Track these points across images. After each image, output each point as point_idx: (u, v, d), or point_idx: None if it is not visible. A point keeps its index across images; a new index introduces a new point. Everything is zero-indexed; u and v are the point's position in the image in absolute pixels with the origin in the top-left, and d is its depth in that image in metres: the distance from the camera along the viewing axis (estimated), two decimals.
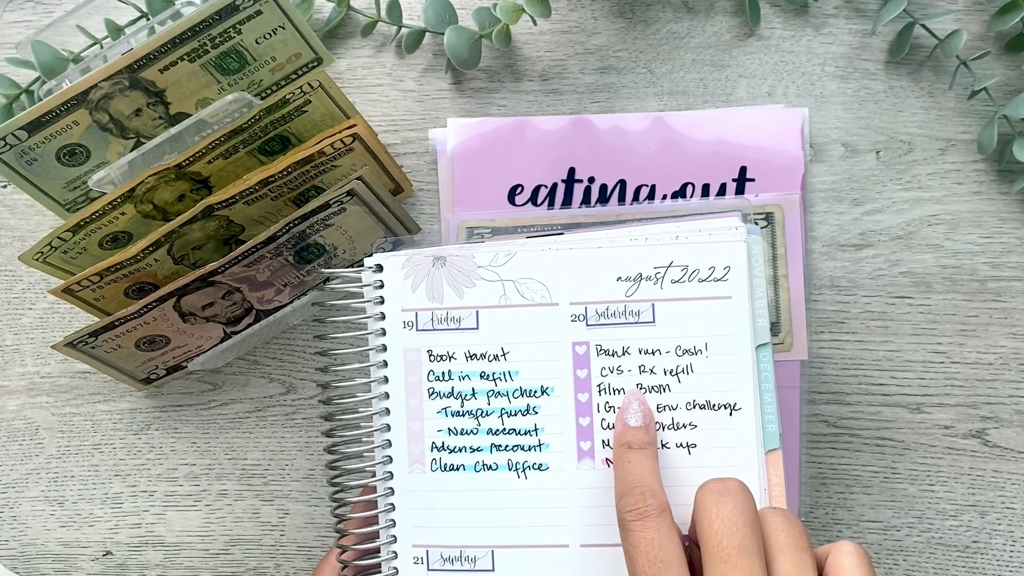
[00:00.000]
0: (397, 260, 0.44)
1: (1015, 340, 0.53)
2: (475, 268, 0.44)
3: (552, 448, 0.43)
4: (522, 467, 0.43)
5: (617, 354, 0.43)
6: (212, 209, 0.49)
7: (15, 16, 0.59)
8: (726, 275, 0.42)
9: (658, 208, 0.54)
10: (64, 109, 0.49)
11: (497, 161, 0.55)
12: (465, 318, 0.44)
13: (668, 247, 0.42)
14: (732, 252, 0.42)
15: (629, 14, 0.56)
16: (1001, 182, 0.54)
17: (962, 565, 0.54)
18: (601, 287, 0.43)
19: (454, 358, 0.44)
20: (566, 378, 0.43)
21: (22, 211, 0.58)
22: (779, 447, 0.42)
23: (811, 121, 0.55)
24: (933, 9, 0.55)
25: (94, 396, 0.58)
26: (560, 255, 0.43)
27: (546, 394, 0.43)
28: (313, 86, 0.49)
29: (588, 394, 0.43)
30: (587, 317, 0.43)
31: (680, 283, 0.42)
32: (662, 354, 0.42)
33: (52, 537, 0.58)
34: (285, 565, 0.57)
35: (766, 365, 0.42)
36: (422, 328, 0.44)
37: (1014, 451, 0.53)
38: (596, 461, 0.43)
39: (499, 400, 0.44)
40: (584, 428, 0.43)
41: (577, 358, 0.43)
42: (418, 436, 0.44)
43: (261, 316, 0.55)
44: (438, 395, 0.44)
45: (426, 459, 0.44)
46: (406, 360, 0.44)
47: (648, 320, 0.43)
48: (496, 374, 0.44)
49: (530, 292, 0.43)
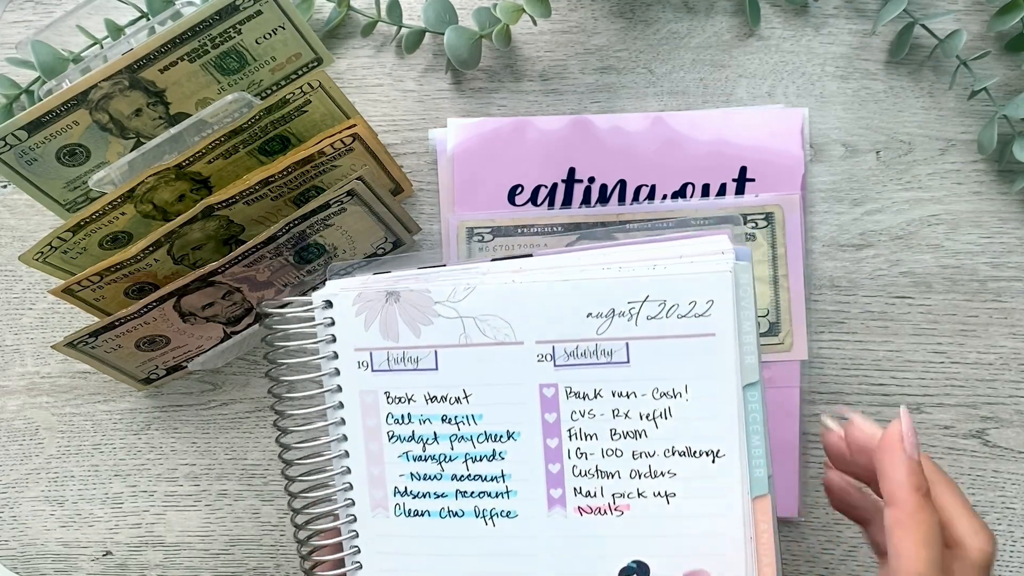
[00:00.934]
0: (348, 296, 0.41)
1: (1015, 340, 0.53)
2: (431, 304, 0.40)
3: (520, 495, 0.40)
4: (489, 514, 0.41)
5: (588, 397, 0.39)
6: (212, 209, 0.49)
7: (15, 16, 0.59)
8: (709, 310, 0.38)
9: (658, 208, 0.54)
10: (64, 109, 0.49)
11: (497, 161, 0.55)
12: (423, 358, 0.41)
13: (643, 279, 0.38)
14: (716, 284, 0.38)
15: (629, 14, 0.56)
16: (1001, 182, 0.54)
17: None
18: (570, 324, 0.39)
19: (413, 400, 0.41)
20: (534, 422, 0.40)
21: (22, 211, 0.58)
22: (768, 492, 0.38)
23: (811, 121, 0.55)
24: (933, 9, 0.55)
25: (94, 396, 0.58)
26: (524, 288, 0.40)
27: (512, 439, 0.40)
28: (313, 86, 0.49)
29: (558, 439, 0.40)
30: (555, 357, 0.40)
31: (657, 319, 0.38)
32: (637, 397, 0.39)
33: (52, 537, 0.58)
34: (285, 565, 0.57)
35: (755, 405, 0.38)
36: (378, 368, 0.41)
37: (1014, 451, 0.53)
38: (568, 509, 0.40)
39: (463, 445, 0.41)
40: (554, 475, 0.40)
41: (545, 401, 0.40)
42: (379, 480, 0.42)
43: (261, 316, 0.55)
44: (398, 439, 0.41)
45: (389, 504, 0.42)
46: (363, 402, 0.42)
47: (622, 360, 0.39)
48: (459, 418, 0.41)
49: (492, 330, 0.40)
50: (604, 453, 0.40)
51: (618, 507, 0.40)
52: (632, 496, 0.39)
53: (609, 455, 0.40)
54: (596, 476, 0.40)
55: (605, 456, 0.40)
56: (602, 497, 0.40)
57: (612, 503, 0.40)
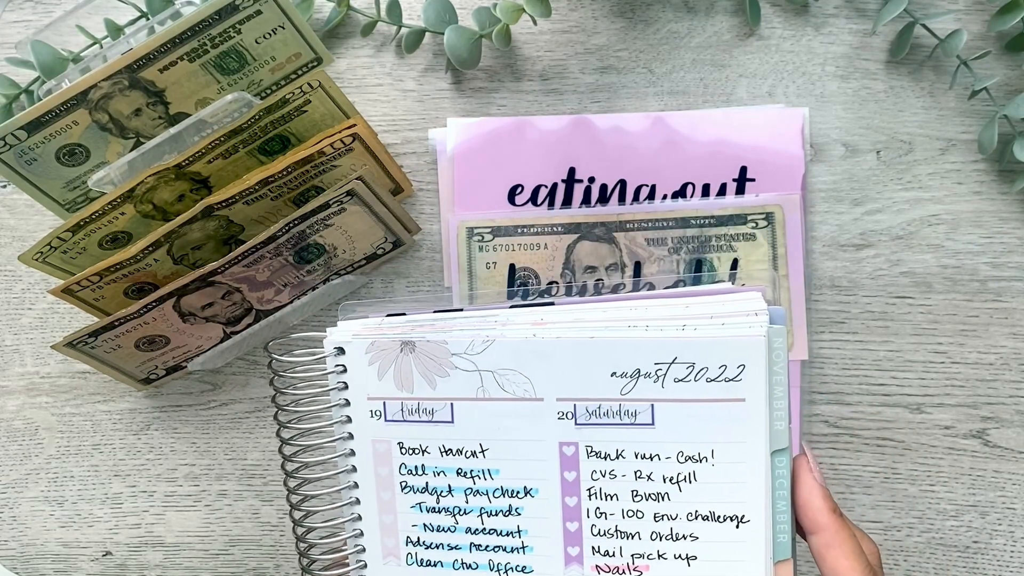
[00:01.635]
0: (360, 344, 0.40)
1: (1015, 340, 0.53)
2: (448, 356, 0.39)
3: (536, 551, 0.40)
4: (504, 568, 0.40)
5: (610, 457, 0.38)
6: (212, 209, 0.49)
7: (15, 16, 0.59)
8: (739, 375, 0.36)
9: (658, 208, 0.54)
10: (64, 109, 0.49)
11: (497, 161, 0.55)
12: (438, 410, 0.40)
13: (672, 341, 0.37)
14: (748, 349, 0.36)
15: (629, 14, 0.56)
16: (1001, 182, 0.54)
17: (962, 565, 0.54)
18: (592, 383, 0.38)
19: (427, 452, 0.40)
20: (552, 480, 0.39)
21: (22, 211, 0.58)
22: (791, 557, 0.38)
23: (811, 121, 0.55)
24: (933, 9, 0.55)
25: (94, 396, 0.58)
26: (545, 344, 0.38)
27: (530, 495, 0.39)
28: (313, 86, 0.49)
29: (577, 498, 0.39)
30: (576, 415, 0.38)
31: (685, 382, 0.37)
32: (661, 460, 0.38)
33: (52, 537, 0.58)
34: (285, 565, 0.57)
35: (782, 471, 0.37)
36: (391, 419, 0.40)
37: (1014, 451, 0.53)
38: (585, 568, 0.39)
39: (478, 499, 0.40)
40: (572, 533, 0.39)
41: (564, 459, 0.39)
42: (391, 529, 0.41)
43: (261, 316, 0.55)
44: (412, 489, 0.41)
45: (401, 552, 0.41)
46: (375, 451, 0.41)
47: (646, 422, 0.38)
48: (474, 471, 0.40)
49: (511, 385, 0.39)
50: (625, 514, 0.39)
51: (637, 568, 0.39)
52: (652, 558, 0.39)
53: (630, 516, 0.39)
54: (616, 536, 0.39)
55: (626, 517, 0.39)
56: (621, 557, 0.39)
57: (631, 564, 0.39)
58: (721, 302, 0.37)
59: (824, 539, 0.38)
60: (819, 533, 0.38)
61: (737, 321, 0.37)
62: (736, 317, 0.37)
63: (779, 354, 0.37)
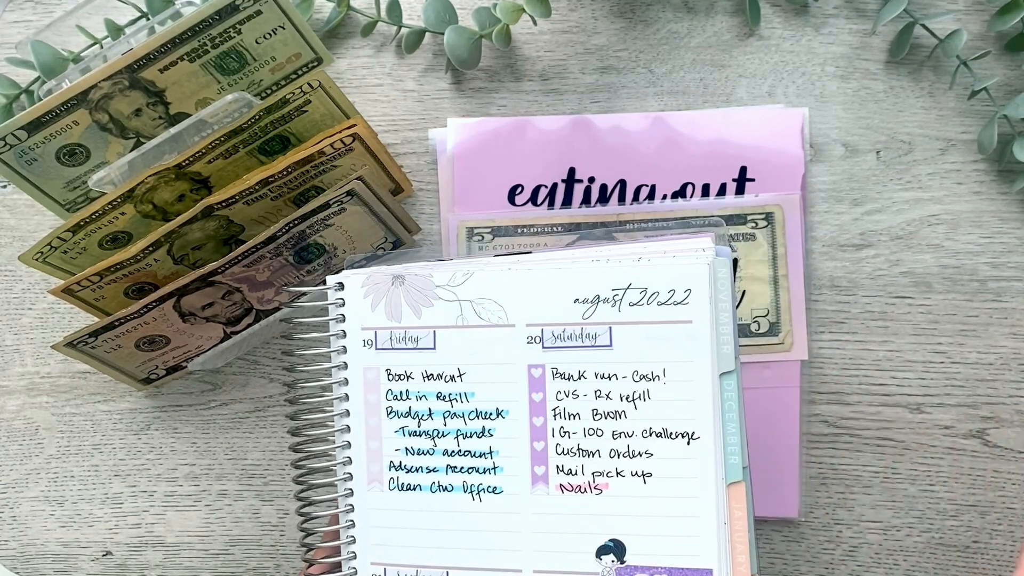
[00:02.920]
0: (357, 278, 0.44)
1: (1015, 340, 0.53)
2: (433, 288, 0.43)
3: (506, 471, 0.42)
4: (477, 489, 0.43)
5: (573, 378, 0.42)
6: (212, 209, 0.49)
7: (15, 16, 0.59)
8: (687, 298, 0.40)
9: (658, 208, 0.54)
10: (64, 109, 0.49)
11: (497, 161, 0.55)
12: (423, 338, 0.43)
13: (627, 269, 0.41)
14: (694, 275, 0.40)
15: (629, 14, 0.56)
16: (1001, 182, 0.54)
17: (962, 565, 0.54)
18: (558, 309, 0.42)
19: (412, 378, 0.43)
20: (521, 401, 0.42)
21: (22, 211, 0.58)
22: (743, 480, 0.40)
23: (811, 121, 0.55)
24: (933, 9, 0.55)
25: (94, 396, 0.58)
26: (518, 275, 0.42)
27: (501, 416, 0.42)
28: (313, 86, 0.49)
29: (543, 418, 0.42)
30: (543, 339, 0.42)
31: (639, 306, 0.41)
32: (618, 379, 0.41)
33: (52, 537, 0.58)
34: (285, 565, 0.57)
35: (731, 394, 0.40)
36: (381, 347, 0.44)
37: (1014, 451, 0.53)
38: (550, 487, 0.42)
39: (455, 421, 0.43)
40: (538, 453, 0.42)
41: (532, 381, 0.42)
42: (376, 455, 0.44)
43: (261, 316, 0.55)
44: (396, 414, 0.44)
45: (384, 478, 0.44)
46: (365, 378, 0.44)
47: (605, 344, 0.41)
48: (452, 395, 0.43)
49: (487, 313, 0.42)
50: (586, 432, 0.42)
51: (597, 486, 0.41)
52: (611, 475, 0.41)
53: (591, 435, 0.42)
54: (577, 455, 0.42)
55: (587, 435, 0.42)
56: (582, 475, 0.42)
57: (592, 482, 0.41)
58: (674, 243, 0.42)
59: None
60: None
61: (687, 255, 0.41)
62: (686, 252, 0.41)
63: (724, 283, 0.40)
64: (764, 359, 0.53)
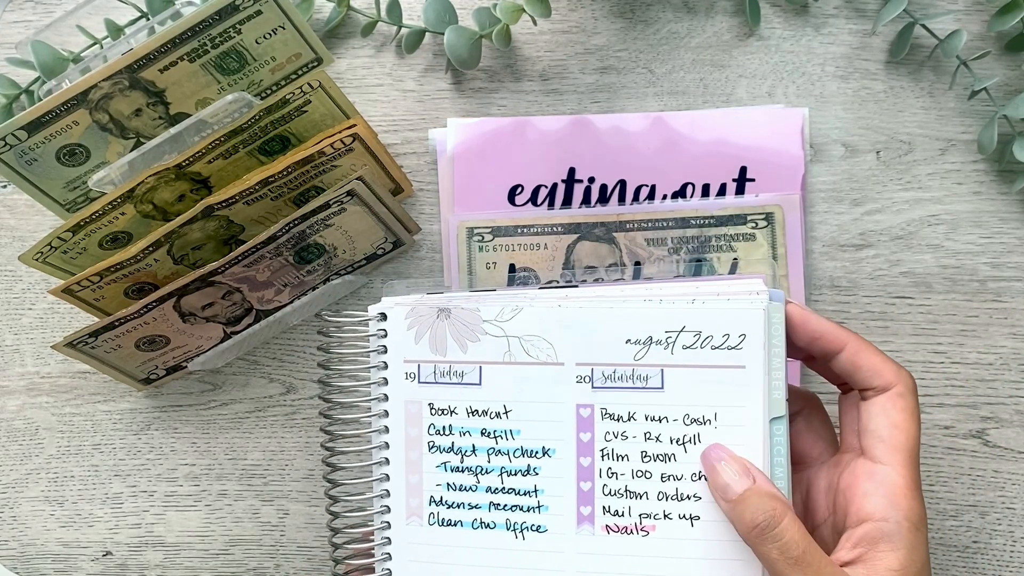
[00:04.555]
0: (401, 310, 0.43)
1: (1015, 340, 0.53)
2: (480, 322, 0.42)
3: (551, 510, 0.42)
4: (520, 527, 0.42)
5: (623, 419, 0.41)
6: (212, 209, 0.49)
7: (15, 16, 0.59)
8: (741, 343, 0.40)
9: (658, 208, 0.54)
10: (64, 109, 0.49)
11: (497, 161, 0.55)
12: (468, 373, 0.43)
13: (681, 311, 0.41)
14: (749, 319, 0.40)
15: (629, 14, 0.56)
16: (1001, 182, 0.54)
17: (962, 565, 0.54)
18: (609, 349, 0.41)
19: (455, 413, 0.43)
20: (569, 440, 0.42)
21: (22, 211, 0.58)
22: None
23: (811, 121, 0.55)
24: (933, 9, 0.55)
25: (94, 396, 0.58)
26: (568, 313, 0.42)
27: (547, 455, 0.42)
28: (313, 86, 0.49)
29: (590, 458, 0.42)
30: (593, 379, 0.42)
31: (692, 349, 0.41)
32: (669, 422, 0.41)
33: (52, 537, 0.58)
34: (285, 565, 0.57)
35: (780, 439, 0.40)
36: (424, 380, 0.43)
37: (1014, 451, 0.53)
38: (596, 527, 0.41)
39: (499, 458, 0.43)
40: (585, 493, 0.42)
41: (581, 421, 0.42)
42: (416, 489, 0.43)
43: (261, 316, 0.55)
44: (438, 449, 0.43)
45: (424, 512, 0.43)
46: (407, 412, 0.43)
47: (656, 386, 0.41)
48: (497, 432, 0.43)
49: (535, 350, 0.42)
50: (634, 474, 0.41)
51: (644, 528, 0.41)
52: (658, 517, 0.41)
53: (639, 476, 0.41)
54: (625, 496, 0.41)
55: (635, 477, 0.41)
56: (629, 517, 0.41)
57: (639, 523, 0.41)
58: (727, 284, 0.42)
59: (853, 347, 0.40)
60: (848, 344, 0.40)
61: (740, 298, 0.41)
62: (739, 295, 0.41)
63: (777, 328, 0.40)
64: None
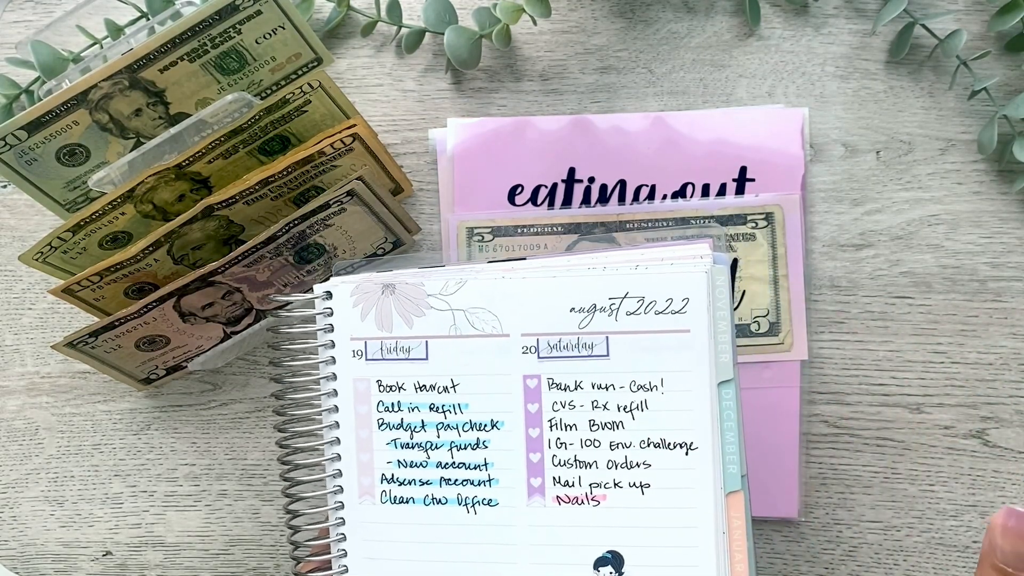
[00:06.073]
0: (346, 288, 0.43)
1: (1015, 340, 0.53)
2: (424, 297, 0.42)
3: (502, 483, 0.42)
4: (471, 502, 0.42)
5: (569, 388, 0.41)
6: (212, 209, 0.49)
7: (15, 16, 0.59)
8: (684, 307, 0.40)
9: (658, 208, 0.54)
10: (64, 109, 0.49)
11: (497, 161, 0.55)
12: (414, 348, 0.42)
13: (624, 277, 0.40)
14: (691, 283, 0.40)
15: (629, 14, 0.56)
16: (1001, 182, 0.54)
17: (962, 565, 0.54)
18: (554, 318, 0.41)
19: (403, 389, 0.43)
20: (517, 412, 0.42)
21: (22, 211, 0.58)
22: (741, 489, 0.40)
23: (811, 121, 0.55)
24: (933, 9, 0.55)
25: (94, 396, 0.58)
26: (512, 284, 0.41)
27: (496, 428, 0.42)
28: (313, 86, 0.49)
29: (539, 429, 0.41)
30: (539, 349, 0.41)
31: (636, 315, 0.40)
32: (616, 389, 0.41)
33: (52, 537, 0.58)
34: (284, 565, 0.57)
35: (729, 403, 0.40)
36: (371, 357, 0.43)
37: (1014, 451, 0.53)
38: (547, 499, 0.41)
39: (449, 433, 0.42)
40: (534, 464, 0.41)
41: (528, 392, 0.41)
42: (368, 467, 0.43)
43: (261, 316, 0.55)
44: (388, 426, 0.43)
45: (376, 491, 0.43)
46: (355, 390, 0.43)
47: (602, 353, 0.41)
48: (446, 406, 0.42)
49: (480, 322, 0.42)
50: (583, 443, 0.41)
51: (595, 497, 0.41)
52: (608, 486, 0.41)
53: (587, 445, 0.41)
54: (574, 466, 0.41)
55: (584, 446, 0.41)
56: (579, 487, 0.41)
57: (589, 493, 0.41)
58: (671, 249, 0.41)
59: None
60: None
61: (684, 262, 0.40)
62: (684, 260, 0.40)
63: (722, 291, 0.40)
64: (764, 359, 0.53)
